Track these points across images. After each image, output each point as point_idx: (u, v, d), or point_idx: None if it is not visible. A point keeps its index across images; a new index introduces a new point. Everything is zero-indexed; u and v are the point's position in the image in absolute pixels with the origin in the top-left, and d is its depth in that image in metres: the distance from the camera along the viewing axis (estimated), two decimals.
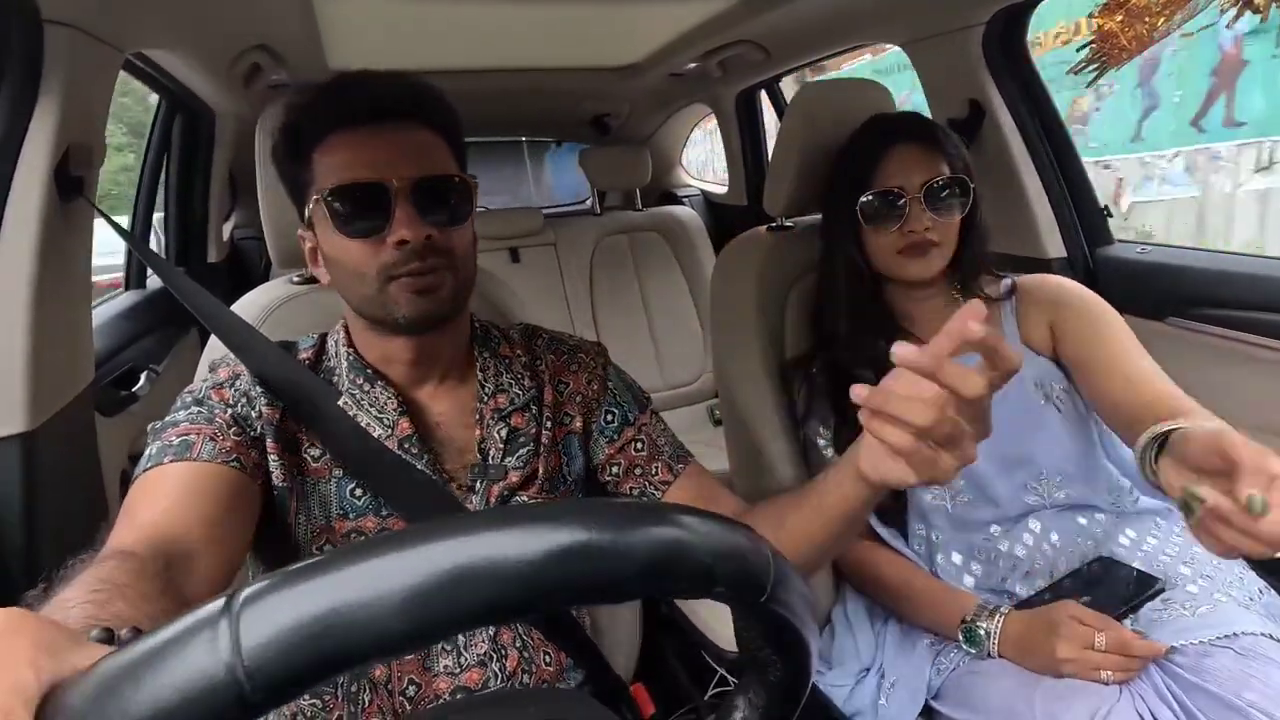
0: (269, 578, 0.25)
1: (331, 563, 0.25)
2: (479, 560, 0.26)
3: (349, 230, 0.66)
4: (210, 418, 0.65)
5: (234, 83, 1.57)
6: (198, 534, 0.57)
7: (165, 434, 0.64)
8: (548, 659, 0.74)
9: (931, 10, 1.33)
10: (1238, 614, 0.80)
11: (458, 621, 0.26)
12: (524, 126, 2.94)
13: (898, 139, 0.98)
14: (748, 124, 2.45)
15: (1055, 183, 1.37)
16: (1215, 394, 1.14)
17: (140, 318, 1.64)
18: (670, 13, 1.51)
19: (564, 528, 0.27)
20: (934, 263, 0.97)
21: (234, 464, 0.63)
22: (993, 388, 0.47)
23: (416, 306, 0.67)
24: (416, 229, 0.65)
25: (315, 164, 0.68)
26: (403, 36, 1.50)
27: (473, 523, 0.27)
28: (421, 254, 0.66)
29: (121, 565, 0.49)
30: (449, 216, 0.68)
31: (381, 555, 0.25)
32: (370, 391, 0.72)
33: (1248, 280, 1.12)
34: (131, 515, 0.58)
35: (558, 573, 0.26)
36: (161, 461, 0.61)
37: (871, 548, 1.01)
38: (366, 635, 0.24)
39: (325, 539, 0.69)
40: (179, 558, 0.54)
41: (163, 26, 1.19)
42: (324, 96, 0.69)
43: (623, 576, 0.28)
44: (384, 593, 0.24)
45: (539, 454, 0.76)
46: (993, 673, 0.85)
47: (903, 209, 0.96)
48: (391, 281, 0.66)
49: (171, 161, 1.91)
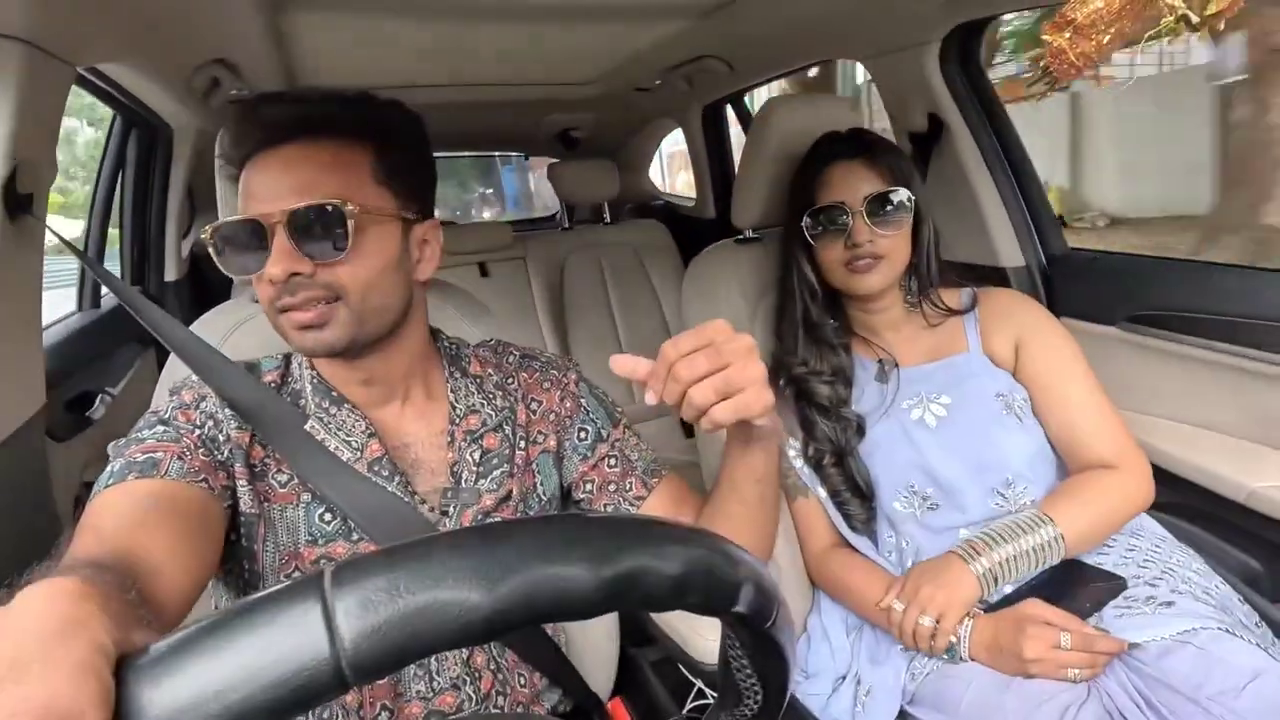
0: (367, 558, 0.26)
1: (425, 546, 0.27)
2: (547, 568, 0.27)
3: (230, 269, 0.65)
4: (177, 437, 0.63)
5: (192, 97, 1.54)
6: (164, 552, 0.54)
7: (128, 451, 0.61)
8: (522, 680, 0.73)
9: (889, 27, 1.37)
10: (1196, 609, 0.83)
11: (524, 620, 0.27)
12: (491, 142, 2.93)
13: (840, 156, 1.01)
14: (714, 138, 2.48)
15: (1011, 192, 1.41)
16: (1166, 394, 1.19)
17: (95, 338, 1.59)
18: (635, 29, 1.53)
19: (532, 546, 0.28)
20: (882, 276, 1.00)
21: (201, 484, 0.61)
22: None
23: (304, 341, 0.65)
24: (285, 264, 0.61)
25: (241, 188, 0.66)
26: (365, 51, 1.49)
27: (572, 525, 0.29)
28: (294, 289, 0.63)
29: (97, 575, 0.46)
30: (327, 248, 0.62)
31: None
32: (336, 415, 0.70)
33: (1196, 285, 1.17)
34: (96, 528, 0.55)
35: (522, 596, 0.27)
36: (125, 479, 0.58)
37: (844, 556, 1.02)
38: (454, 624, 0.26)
39: (294, 566, 0.67)
40: (144, 575, 0.51)
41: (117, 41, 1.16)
42: (244, 117, 0.67)
43: (581, 595, 0.28)
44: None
45: (513, 475, 0.75)
46: (965, 676, 0.86)
47: (845, 223, 0.98)
48: (279, 315, 0.65)
49: (126, 177, 1.85)
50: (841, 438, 1.00)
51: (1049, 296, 1.37)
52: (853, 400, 1.04)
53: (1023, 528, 0.89)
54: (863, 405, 1.03)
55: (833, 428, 1.01)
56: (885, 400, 1.03)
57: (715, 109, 2.39)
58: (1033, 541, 0.88)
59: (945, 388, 1.02)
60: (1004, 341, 1.04)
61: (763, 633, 0.34)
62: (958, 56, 1.37)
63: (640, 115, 2.46)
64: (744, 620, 0.33)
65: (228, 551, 0.65)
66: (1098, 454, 0.96)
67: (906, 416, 1.01)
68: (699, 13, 1.40)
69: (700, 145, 2.48)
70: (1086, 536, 0.92)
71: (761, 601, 0.33)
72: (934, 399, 1.02)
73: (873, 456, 1.01)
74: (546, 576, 0.27)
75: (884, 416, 1.02)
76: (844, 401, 1.02)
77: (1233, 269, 1.17)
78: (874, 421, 1.02)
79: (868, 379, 1.05)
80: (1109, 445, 0.96)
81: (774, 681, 0.37)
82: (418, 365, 0.75)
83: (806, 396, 1.02)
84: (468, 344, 0.83)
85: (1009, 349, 1.04)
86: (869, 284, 1.00)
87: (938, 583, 0.88)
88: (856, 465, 1.00)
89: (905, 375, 1.04)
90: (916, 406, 1.02)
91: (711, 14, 1.40)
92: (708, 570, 0.31)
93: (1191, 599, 0.86)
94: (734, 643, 0.37)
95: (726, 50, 1.65)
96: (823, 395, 1.01)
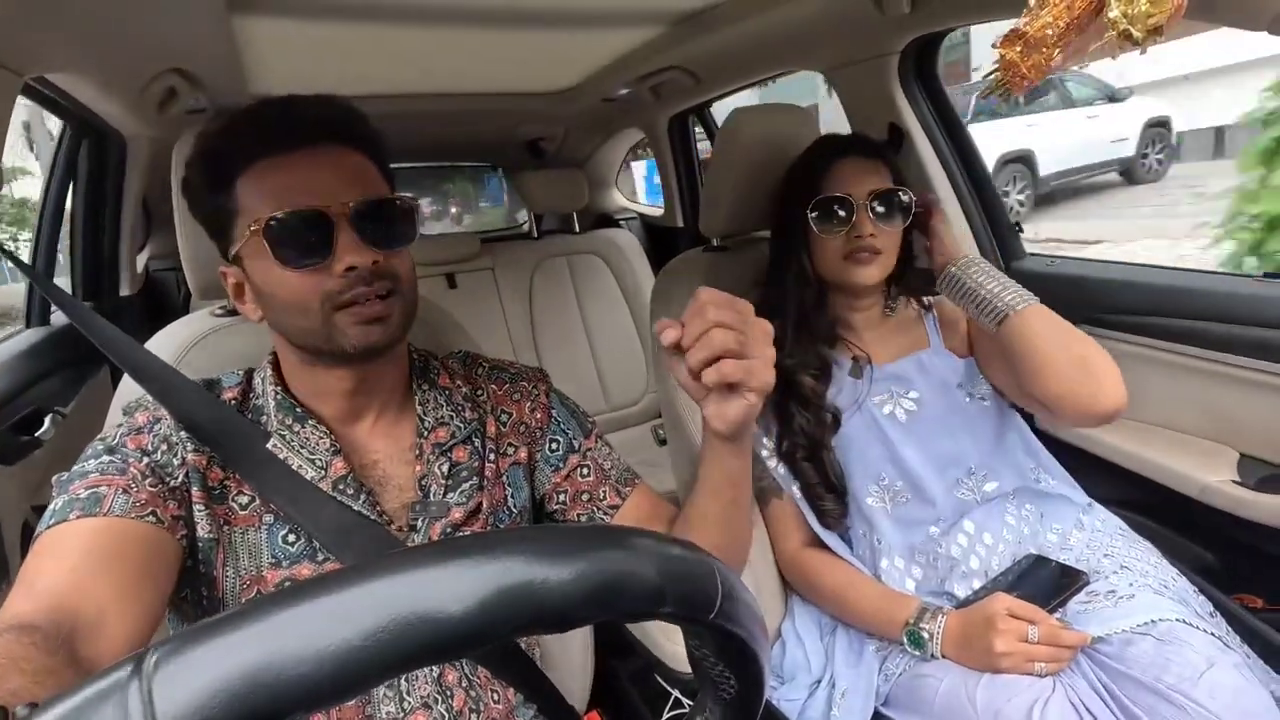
0: (181, 634, 0.23)
1: (250, 613, 0.23)
2: (414, 602, 0.24)
3: (291, 262, 0.63)
4: (123, 467, 0.61)
5: (147, 107, 1.50)
6: (106, 598, 0.52)
7: (72, 486, 0.59)
8: (496, 696, 0.72)
9: (850, 40, 1.40)
10: (1154, 602, 0.86)
11: (392, 667, 0.24)
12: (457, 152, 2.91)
13: (847, 152, 1.04)
14: (681, 148, 2.50)
15: (969, 201, 1.45)
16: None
17: (44, 357, 1.53)
18: (602, 39, 1.54)
19: (500, 560, 0.26)
20: (879, 269, 1.02)
21: (149, 518, 0.59)
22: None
23: (366, 336, 0.64)
24: (363, 254, 0.63)
25: (241, 193, 0.64)
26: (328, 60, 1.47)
27: (407, 560, 0.25)
28: (369, 280, 0.64)
29: (19, 639, 0.45)
30: (393, 240, 0.66)
31: (306, 601, 0.23)
32: (300, 431, 0.68)
33: (1149, 289, 1.22)
34: (29, 581, 0.53)
35: (497, 609, 0.25)
36: (67, 518, 0.56)
37: (816, 555, 1.03)
38: (296, 689, 0.22)
39: (256, 590, 0.65)
40: (85, 626, 0.50)
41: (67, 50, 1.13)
42: (247, 121, 0.65)
43: (566, 606, 0.26)
44: (313, 642, 0.22)
45: (483, 488, 0.74)
46: (936, 674, 0.87)
47: (849, 215, 1.00)
48: (338, 311, 0.64)
49: (78, 190, 1.79)
50: (818, 431, 1.02)
51: None
52: (828, 396, 1.06)
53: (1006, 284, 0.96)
54: (838, 401, 1.05)
55: (810, 420, 1.02)
56: (859, 396, 1.05)
57: (682, 120, 2.42)
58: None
59: (913, 384, 1.05)
60: (956, 330, 1.10)
61: (711, 625, 0.31)
62: (916, 68, 1.41)
63: (607, 126, 2.47)
64: (683, 618, 0.30)
65: (184, 579, 0.63)
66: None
67: (879, 412, 1.04)
68: (666, 21, 1.41)
69: (668, 155, 2.50)
70: (1053, 328, 0.94)
71: (694, 597, 0.30)
72: (903, 395, 1.05)
73: (847, 451, 1.03)
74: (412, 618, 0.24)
75: (857, 412, 1.05)
76: (823, 395, 1.04)
77: (1187, 273, 1.22)
78: (848, 416, 1.04)
79: (842, 375, 1.07)
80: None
81: (745, 671, 0.36)
82: (401, 376, 0.75)
83: (790, 389, 1.04)
84: (435, 356, 0.82)
85: (961, 335, 1.10)
86: (867, 275, 1.02)
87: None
88: (830, 460, 1.02)
89: (878, 372, 1.06)
90: (888, 402, 1.05)
91: (677, 24, 1.42)
92: (607, 584, 0.27)
93: (1151, 592, 0.88)
94: (692, 639, 0.36)
95: (694, 60, 1.67)
96: (807, 387, 1.03)
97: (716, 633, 0.32)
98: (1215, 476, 1.08)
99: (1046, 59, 0.63)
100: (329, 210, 0.63)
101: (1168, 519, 1.15)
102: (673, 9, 1.36)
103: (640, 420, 2.40)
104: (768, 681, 0.37)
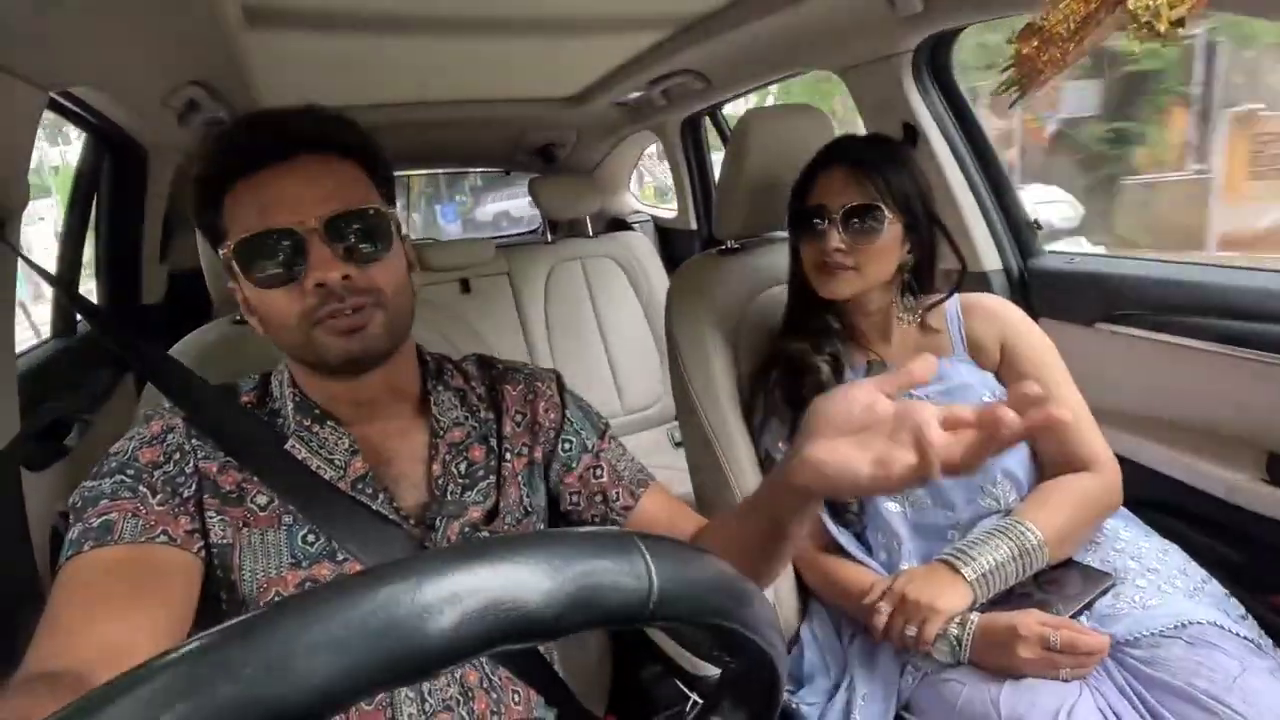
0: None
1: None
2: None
3: (262, 281, 0.64)
4: (134, 486, 0.62)
5: (167, 120, 1.53)
6: (130, 632, 0.54)
7: (86, 515, 0.60)
8: (516, 698, 0.72)
9: (862, 38, 1.39)
10: (1185, 604, 0.84)
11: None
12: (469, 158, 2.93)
13: (831, 163, 1.03)
14: (693, 150, 2.50)
15: (986, 198, 1.44)
16: (1142, 393, 1.21)
17: (70, 366, 1.56)
18: (611, 44, 1.54)
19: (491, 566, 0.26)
20: (849, 285, 1.01)
21: (160, 539, 0.60)
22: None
23: (345, 348, 0.64)
24: (333, 269, 0.62)
25: (226, 213, 0.65)
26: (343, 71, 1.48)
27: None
28: (341, 295, 0.63)
29: (34, 692, 0.47)
30: (369, 251, 0.65)
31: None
32: (319, 433, 0.69)
33: (1170, 285, 1.19)
34: (52, 621, 0.55)
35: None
36: (82, 549, 0.58)
37: (836, 560, 1.02)
38: None
39: (275, 590, 0.65)
40: (105, 662, 0.51)
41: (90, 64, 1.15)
42: (228, 140, 0.66)
43: (547, 617, 0.26)
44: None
45: (499, 487, 0.74)
46: (958, 678, 0.86)
47: (818, 227, 1.00)
48: (316, 326, 0.64)
49: (101, 201, 1.83)
50: None
51: (1026, 299, 1.40)
52: None
53: (1009, 536, 0.90)
54: None
55: None
56: None
57: (694, 122, 2.42)
58: (1018, 549, 0.89)
59: (930, 389, 1.03)
60: (989, 345, 1.06)
61: (710, 626, 0.31)
62: (930, 66, 1.40)
63: (619, 130, 2.48)
64: (674, 627, 0.30)
65: (206, 584, 0.64)
66: (1078, 455, 0.98)
67: None
68: (674, 25, 1.41)
69: (680, 158, 2.50)
70: (1066, 540, 0.93)
71: (684, 602, 0.29)
72: (919, 399, 1.03)
73: None
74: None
75: None
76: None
77: (1209, 268, 1.20)
78: None
79: (857, 378, 1.06)
80: (1087, 448, 0.99)
81: (756, 673, 0.36)
82: (410, 380, 0.75)
83: (805, 378, 1.03)
84: (450, 359, 0.82)
85: (994, 351, 1.06)
86: (834, 289, 1.01)
87: (924, 590, 0.88)
88: None
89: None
90: None
91: (688, 29, 1.42)
92: (575, 599, 0.26)
93: (1179, 594, 0.86)
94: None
95: (705, 63, 1.67)
96: (824, 373, 1.02)
97: (720, 631, 0.32)
98: (1243, 475, 1.06)
99: (1063, 53, 0.62)
100: (300, 225, 0.62)
101: (1194, 519, 1.13)
102: (681, 13, 1.36)
103: (656, 423, 2.40)
104: (783, 683, 0.37)
